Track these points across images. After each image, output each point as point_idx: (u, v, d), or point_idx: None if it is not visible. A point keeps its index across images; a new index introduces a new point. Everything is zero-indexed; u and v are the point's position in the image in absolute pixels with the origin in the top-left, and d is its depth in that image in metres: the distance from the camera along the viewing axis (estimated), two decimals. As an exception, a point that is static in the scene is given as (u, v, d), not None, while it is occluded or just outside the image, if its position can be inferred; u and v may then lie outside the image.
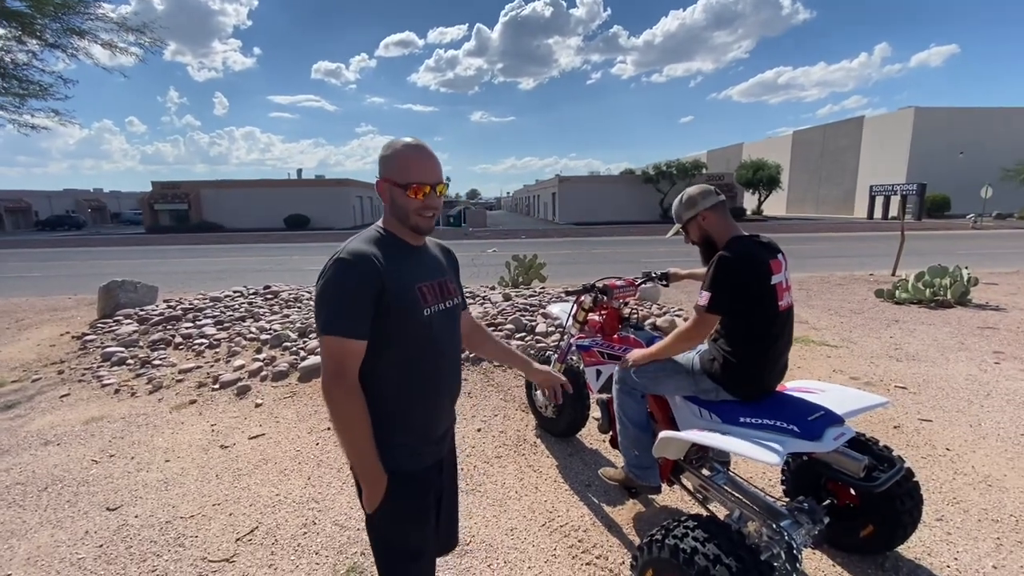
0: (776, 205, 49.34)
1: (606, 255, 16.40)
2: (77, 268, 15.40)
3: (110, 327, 6.08)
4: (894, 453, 2.06)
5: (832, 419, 1.85)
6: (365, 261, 1.20)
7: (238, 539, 2.42)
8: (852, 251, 16.09)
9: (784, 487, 2.42)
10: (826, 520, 1.96)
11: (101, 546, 2.39)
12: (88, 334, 5.95)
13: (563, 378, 1.70)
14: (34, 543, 2.42)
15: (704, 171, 41.60)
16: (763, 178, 41.57)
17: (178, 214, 39.22)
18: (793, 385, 2.24)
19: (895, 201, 35.63)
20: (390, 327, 1.23)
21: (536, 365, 1.73)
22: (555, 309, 3.23)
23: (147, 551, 2.35)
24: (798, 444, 1.75)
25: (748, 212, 42.90)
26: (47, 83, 7.73)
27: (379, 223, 1.35)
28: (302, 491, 2.81)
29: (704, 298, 1.91)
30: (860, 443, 2.06)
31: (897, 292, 7.38)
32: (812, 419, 1.83)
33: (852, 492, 2.15)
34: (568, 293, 2.84)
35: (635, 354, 2.24)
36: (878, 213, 37.70)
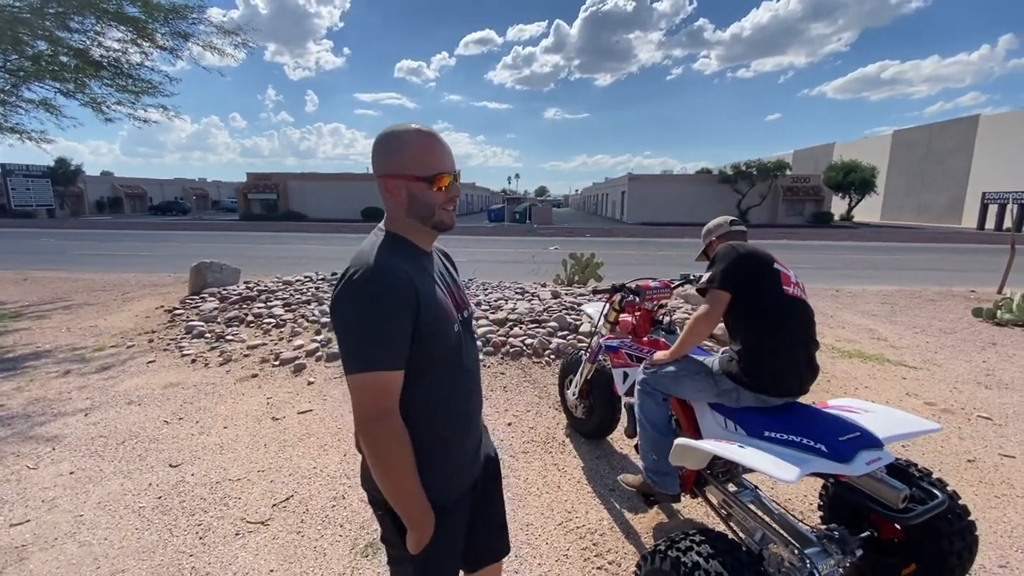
0: (870, 211, 45.24)
1: (673, 257, 15.82)
2: (180, 249, 17.08)
3: (196, 303, 6.72)
4: (948, 488, 1.86)
5: (868, 441, 1.70)
6: (397, 273, 1.03)
7: (274, 504, 2.61)
8: (954, 264, 14.48)
9: (821, 513, 2.25)
10: (859, 552, 1.81)
11: (160, 498, 2.67)
12: (177, 308, 6.61)
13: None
14: (106, 489, 2.74)
15: (788, 172, 38.91)
16: (855, 181, 38.20)
17: (267, 203, 42.38)
18: (836, 403, 2.09)
19: (1012, 211, 31.55)
20: (425, 351, 1.07)
21: None
22: (590, 308, 3.18)
23: (196, 507, 2.59)
24: (822, 464, 1.62)
25: (836, 217, 39.70)
26: (157, 81, 8.63)
27: (382, 227, 1.16)
28: (337, 466, 2.98)
29: (706, 276, 2.02)
30: (903, 471, 1.87)
31: (999, 312, 6.57)
32: (844, 439, 1.70)
33: (896, 526, 1.96)
34: (596, 292, 2.79)
35: (659, 354, 2.21)
36: (990, 223, 33.51)
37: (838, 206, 41.42)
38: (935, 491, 1.76)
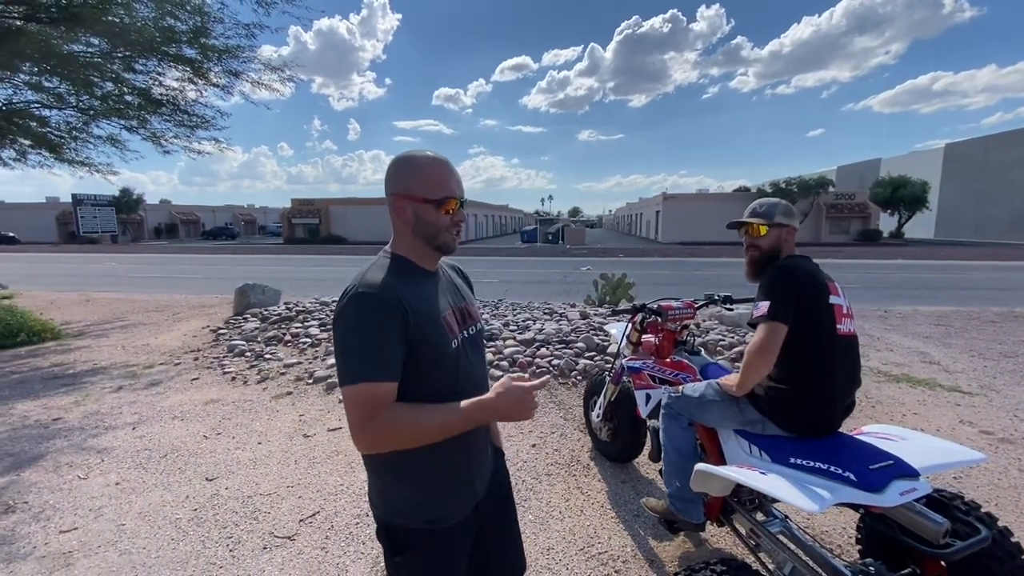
0: (923, 228, 43.06)
1: (708, 278, 15.47)
2: (227, 271, 17.94)
3: (238, 323, 7.03)
4: (999, 523, 1.73)
5: (902, 470, 1.61)
6: (388, 292, 1.06)
7: (301, 520, 2.67)
8: (1018, 283, 13.55)
9: (859, 547, 2.12)
10: (896, 589, 1.70)
11: (195, 510, 2.78)
12: (221, 328, 6.92)
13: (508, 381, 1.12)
14: (147, 500, 2.87)
15: (831, 188, 37.67)
16: (904, 197, 36.57)
17: (310, 228, 44.18)
18: (871, 429, 1.99)
19: (1087, 225, 29.37)
20: (417, 368, 1.09)
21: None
22: (613, 329, 3.15)
23: (228, 520, 2.68)
24: (851, 494, 1.55)
25: (885, 235, 37.97)
26: (209, 116, 9.23)
27: (387, 249, 1.21)
28: (363, 484, 3.02)
29: (762, 307, 1.77)
30: (945, 504, 1.75)
31: (1068, 334, 6.10)
32: (876, 468, 1.61)
33: (942, 563, 1.83)
34: (615, 312, 2.77)
35: (728, 379, 2.02)
36: (1062, 239, 31.36)
37: (887, 223, 39.63)
38: (979, 526, 1.64)
